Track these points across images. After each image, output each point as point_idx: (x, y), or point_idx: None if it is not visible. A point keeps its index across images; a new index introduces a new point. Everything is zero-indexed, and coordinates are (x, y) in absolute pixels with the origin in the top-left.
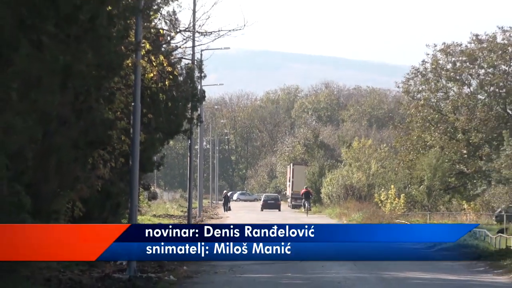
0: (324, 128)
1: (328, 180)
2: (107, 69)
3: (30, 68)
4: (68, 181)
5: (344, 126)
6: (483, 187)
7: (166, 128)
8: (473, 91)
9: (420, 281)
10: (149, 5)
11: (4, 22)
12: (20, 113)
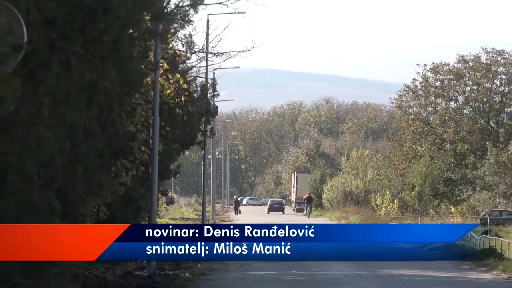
0: (325, 140)
1: (329, 187)
2: (129, 86)
3: (60, 86)
4: (94, 188)
5: (343, 137)
6: (469, 193)
7: (182, 140)
8: (459, 106)
9: (413, 277)
10: (167, 28)
11: (37, 45)
12: (50, 126)
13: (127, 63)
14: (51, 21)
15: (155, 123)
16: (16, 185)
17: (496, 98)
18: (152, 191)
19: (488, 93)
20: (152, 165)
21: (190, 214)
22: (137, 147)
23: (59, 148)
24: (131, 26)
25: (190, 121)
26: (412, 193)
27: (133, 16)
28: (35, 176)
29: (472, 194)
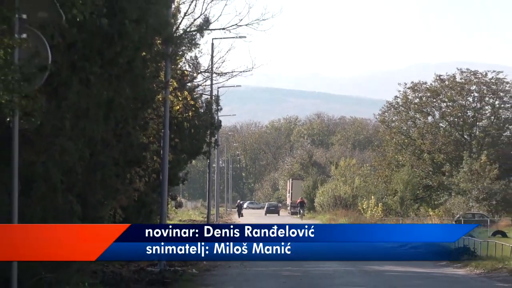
0: (317, 150)
1: (320, 192)
2: (142, 102)
3: (80, 102)
4: (111, 193)
5: (332, 148)
6: (445, 198)
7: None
8: (436, 120)
9: (395, 273)
10: (176, 51)
11: (60, 66)
12: (72, 138)
13: (140, 82)
14: (73, 45)
15: (166, 135)
16: (42, 191)
17: (469, 113)
18: (162, 196)
19: (462, 109)
20: (162, 172)
21: (197, 217)
22: (149, 157)
23: (79, 157)
24: (144, 49)
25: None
26: (395, 198)
27: (146, 40)
28: (59, 183)
29: (448, 199)
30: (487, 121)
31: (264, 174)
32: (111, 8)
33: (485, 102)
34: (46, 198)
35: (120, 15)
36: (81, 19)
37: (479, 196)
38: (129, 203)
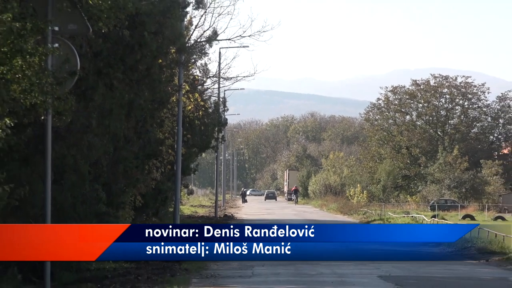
0: (310, 144)
1: (313, 181)
2: (159, 103)
3: (105, 103)
4: (131, 182)
5: (324, 143)
6: (421, 186)
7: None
8: (413, 119)
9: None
10: (188, 59)
11: (88, 72)
12: (98, 135)
13: (157, 86)
14: (98, 53)
15: (179, 132)
16: (72, 180)
17: (442, 113)
18: (176, 184)
19: (435, 109)
20: (176, 164)
21: (206, 202)
22: (165, 150)
23: (104, 151)
24: (161, 57)
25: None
26: (378, 186)
27: (162, 49)
28: (86, 173)
29: (424, 187)
30: (458, 119)
31: (264, 166)
32: (132, 22)
33: (456, 103)
34: (76, 186)
35: (140, 28)
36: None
37: (450, 184)
38: (147, 191)
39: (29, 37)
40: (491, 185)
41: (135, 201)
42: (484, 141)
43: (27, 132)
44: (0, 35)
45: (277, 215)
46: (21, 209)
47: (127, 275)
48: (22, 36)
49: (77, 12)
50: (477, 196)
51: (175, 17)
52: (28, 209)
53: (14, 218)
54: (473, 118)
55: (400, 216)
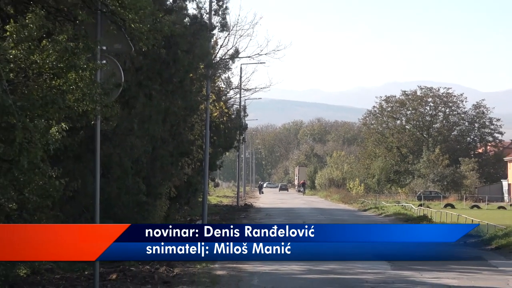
0: (317, 145)
1: (319, 176)
2: (190, 110)
3: (145, 110)
4: (167, 176)
5: (328, 144)
6: (410, 179)
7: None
8: (402, 124)
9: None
10: (214, 73)
11: (130, 84)
12: (138, 136)
13: (188, 96)
14: (139, 68)
15: (207, 134)
16: (117, 175)
17: (427, 118)
18: (204, 178)
19: (421, 115)
20: (204, 161)
21: (229, 193)
22: (195, 150)
23: (144, 150)
24: (191, 72)
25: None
26: (373, 180)
27: (193, 65)
28: (129, 168)
29: (411, 180)
30: (440, 124)
31: (278, 162)
32: (167, 42)
33: (438, 110)
34: (120, 180)
35: (174, 47)
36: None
37: (434, 178)
38: (180, 183)
39: (81, 55)
40: (468, 179)
41: (170, 192)
42: (462, 142)
43: (80, 135)
44: (57, 53)
45: (289, 204)
46: (75, 199)
47: None
48: (75, 54)
49: (121, 34)
50: (456, 188)
51: (203, 38)
52: (81, 199)
53: (69, 206)
54: (453, 123)
55: (392, 205)
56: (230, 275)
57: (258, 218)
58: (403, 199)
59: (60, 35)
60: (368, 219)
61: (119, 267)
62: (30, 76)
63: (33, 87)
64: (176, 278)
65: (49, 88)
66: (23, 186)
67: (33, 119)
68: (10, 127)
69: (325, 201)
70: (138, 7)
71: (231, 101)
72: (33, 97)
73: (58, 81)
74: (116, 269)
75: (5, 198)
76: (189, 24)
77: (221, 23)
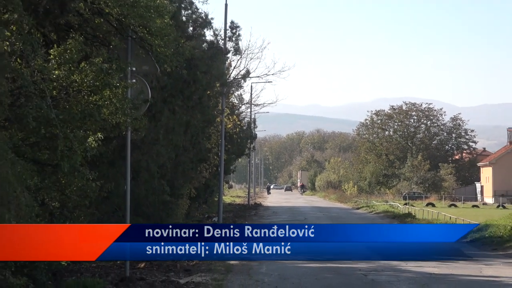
0: (316, 152)
1: (319, 178)
2: (207, 122)
3: (169, 123)
4: (188, 179)
5: (326, 151)
6: (396, 182)
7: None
8: (390, 134)
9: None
10: (228, 91)
11: (156, 100)
12: (163, 145)
13: (206, 110)
14: (164, 87)
15: (222, 143)
16: (145, 178)
17: (411, 129)
18: (220, 181)
19: (406, 127)
20: (220, 166)
21: (241, 194)
22: (212, 157)
23: (168, 157)
24: (209, 89)
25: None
26: (365, 182)
27: (210, 84)
28: (155, 173)
29: (398, 183)
30: (422, 134)
31: (283, 167)
32: (188, 64)
33: (421, 122)
34: (147, 182)
35: (194, 68)
36: (169, 71)
37: (417, 181)
38: (199, 185)
39: (114, 75)
40: (446, 181)
41: (190, 193)
42: (441, 149)
43: (113, 143)
44: (93, 73)
45: (293, 203)
46: (109, 199)
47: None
48: (109, 74)
49: (149, 57)
50: (436, 189)
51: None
52: (114, 199)
53: (104, 205)
54: (434, 133)
55: (381, 204)
56: (242, 264)
57: (266, 215)
58: (390, 199)
59: (96, 58)
60: (360, 216)
61: None
62: (71, 93)
63: (73, 103)
64: (196, 267)
65: (87, 103)
66: (64, 187)
67: (73, 130)
68: (53, 137)
69: (324, 201)
70: (163, 34)
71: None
72: (73, 111)
73: (94, 97)
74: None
75: (49, 197)
76: (207, 49)
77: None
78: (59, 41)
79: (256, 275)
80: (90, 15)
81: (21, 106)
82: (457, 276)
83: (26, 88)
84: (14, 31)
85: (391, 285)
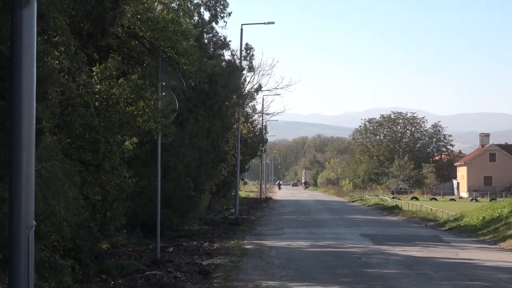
0: (318, 154)
1: (320, 176)
2: (226, 129)
3: (193, 129)
4: (209, 176)
5: (326, 153)
6: (386, 179)
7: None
8: (381, 138)
9: (359, 219)
10: (243, 102)
11: (182, 110)
12: (189, 148)
13: (225, 119)
14: (189, 98)
15: (238, 146)
16: (173, 176)
17: (398, 135)
18: (236, 178)
19: (394, 132)
20: (236, 166)
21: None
22: (229, 158)
23: (193, 158)
24: (227, 101)
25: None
26: (359, 179)
27: (228, 97)
28: (182, 172)
29: (387, 180)
30: (408, 139)
31: (290, 167)
32: (210, 79)
33: (406, 129)
34: (175, 180)
35: (214, 83)
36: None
37: (403, 178)
38: (219, 182)
39: (147, 89)
40: (428, 179)
41: (211, 188)
42: (423, 152)
43: (146, 147)
44: (130, 87)
45: (298, 197)
46: (142, 193)
47: (207, 233)
48: (143, 88)
49: (176, 73)
50: (419, 185)
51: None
52: (146, 193)
53: (138, 199)
54: (417, 138)
55: (373, 198)
56: (255, 249)
57: (276, 207)
58: (381, 193)
59: (132, 74)
60: (355, 207)
61: (174, 243)
62: (110, 104)
63: (113, 112)
64: (216, 251)
65: (124, 113)
66: (105, 183)
67: (112, 135)
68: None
69: (324, 195)
70: (189, 54)
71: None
72: (112, 119)
73: (130, 108)
74: (172, 244)
75: (92, 192)
76: (225, 67)
77: (248, 65)
78: (101, 60)
79: (267, 258)
80: (126, 38)
81: (68, 115)
82: (437, 259)
83: (73, 100)
84: (62, 51)
85: (381, 266)
